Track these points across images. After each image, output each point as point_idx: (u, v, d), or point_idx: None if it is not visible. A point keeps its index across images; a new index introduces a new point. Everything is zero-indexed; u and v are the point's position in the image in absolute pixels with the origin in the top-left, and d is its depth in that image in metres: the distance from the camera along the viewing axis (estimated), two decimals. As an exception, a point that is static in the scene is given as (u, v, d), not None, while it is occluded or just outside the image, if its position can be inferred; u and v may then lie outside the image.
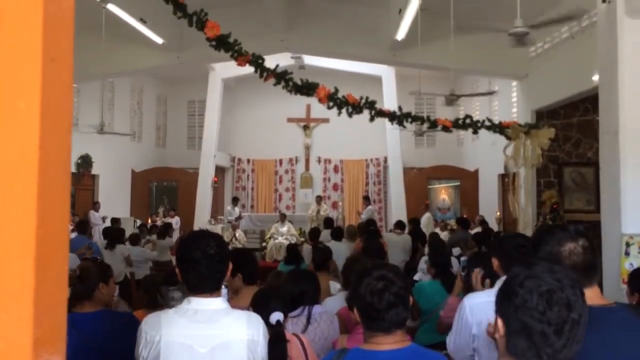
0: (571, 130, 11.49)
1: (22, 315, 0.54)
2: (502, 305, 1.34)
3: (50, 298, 0.59)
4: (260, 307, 2.59)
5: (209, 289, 2.13)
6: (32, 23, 0.52)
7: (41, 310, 0.56)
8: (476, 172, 16.13)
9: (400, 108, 7.05)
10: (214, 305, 2.12)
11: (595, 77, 5.82)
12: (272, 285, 3.75)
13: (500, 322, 1.34)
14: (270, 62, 6.65)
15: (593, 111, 10.23)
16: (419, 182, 16.92)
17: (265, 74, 5.99)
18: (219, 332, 2.08)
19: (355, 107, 6.29)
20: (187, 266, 2.14)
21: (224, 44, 5.67)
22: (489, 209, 14.16)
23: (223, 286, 2.29)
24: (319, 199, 15.71)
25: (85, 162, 14.58)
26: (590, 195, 11.19)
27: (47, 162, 0.57)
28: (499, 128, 7.32)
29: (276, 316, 2.52)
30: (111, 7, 10.00)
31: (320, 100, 6.27)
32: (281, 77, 6.05)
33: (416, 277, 5.86)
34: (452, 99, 10.06)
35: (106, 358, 2.50)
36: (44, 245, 0.57)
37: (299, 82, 6.23)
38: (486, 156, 14.39)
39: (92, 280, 2.68)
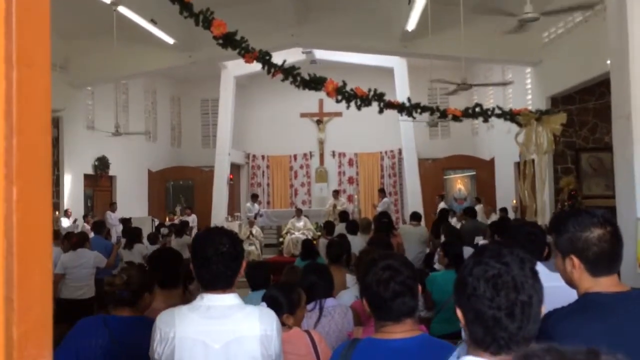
0: (587, 115, 11.34)
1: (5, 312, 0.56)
2: (458, 295, 1.35)
3: (34, 295, 0.61)
4: None
5: (222, 286, 2.14)
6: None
7: (24, 306, 0.58)
8: (492, 161, 16.00)
9: (409, 99, 7.01)
10: (227, 301, 2.13)
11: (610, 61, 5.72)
12: (287, 280, 3.77)
13: (459, 312, 1.34)
14: (281, 58, 6.66)
15: (609, 95, 10.08)
16: (434, 173, 16.84)
17: (272, 70, 6.00)
18: (232, 328, 2.09)
19: (363, 100, 6.27)
20: (200, 263, 2.15)
21: (231, 42, 5.69)
22: (506, 197, 14.05)
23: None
24: (336, 193, 15.71)
25: (102, 163, 14.76)
26: (608, 181, 11.02)
27: (24, 162, 0.59)
28: (510, 115, 7.25)
29: None
30: (122, 9, 10.09)
31: (328, 94, 6.27)
32: (289, 72, 6.05)
33: (437, 267, 5.84)
34: (465, 88, 9.98)
35: None
36: (26, 244, 0.59)
37: (307, 77, 6.23)
38: (502, 145, 14.25)
39: (138, 289, 2.65)
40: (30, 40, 0.60)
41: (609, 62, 6.05)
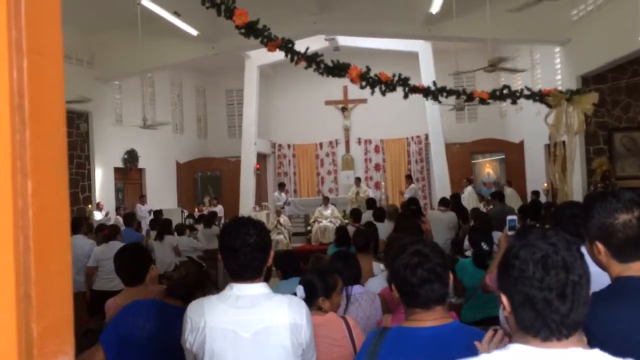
0: (620, 93, 11.02)
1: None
2: (503, 280, 1.30)
3: (53, 290, 0.60)
4: None
5: (250, 276, 2.14)
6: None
7: (43, 302, 0.57)
8: (521, 143, 15.71)
9: (434, 83, 6.90)
10: (255, 290, 2.13)
11: (642, 37, 5.53)
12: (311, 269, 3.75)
13: (504, 298, 1.29)
14: (304, 46, 6.60)
15: (643, 72, 9.80)
16: (462, 157, 16.62)
17: (295, 58, 5.96)
18: (260, 317, 2.09)
19: (388, 85, 6.18)
20: (227, 254, 2.16)
21: (253, 31, 5.67)
22: (537, 180, 13.81)
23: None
24: (358, 181, 15.67)
25: (132, 157, 14.97)
26: (643, 161, 10.75)
27: (39, 155, 0.57)
28: (539, 96, 7.06)
29: None
30: (145, 2, 10.16)
31: (352, 81, 6.21)
32: (312, 59, 6.01)
33: (468, 254, 5.77)
34: (492, 70, 9.78)
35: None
36: (43, 239, 0.58)
37: (330, 64, 6.18)
38: (531, 127, 13.98)
39: (193, 285, 2.68)
40: (41, 27, 0.58)
41: (642, 37, 5.86)
